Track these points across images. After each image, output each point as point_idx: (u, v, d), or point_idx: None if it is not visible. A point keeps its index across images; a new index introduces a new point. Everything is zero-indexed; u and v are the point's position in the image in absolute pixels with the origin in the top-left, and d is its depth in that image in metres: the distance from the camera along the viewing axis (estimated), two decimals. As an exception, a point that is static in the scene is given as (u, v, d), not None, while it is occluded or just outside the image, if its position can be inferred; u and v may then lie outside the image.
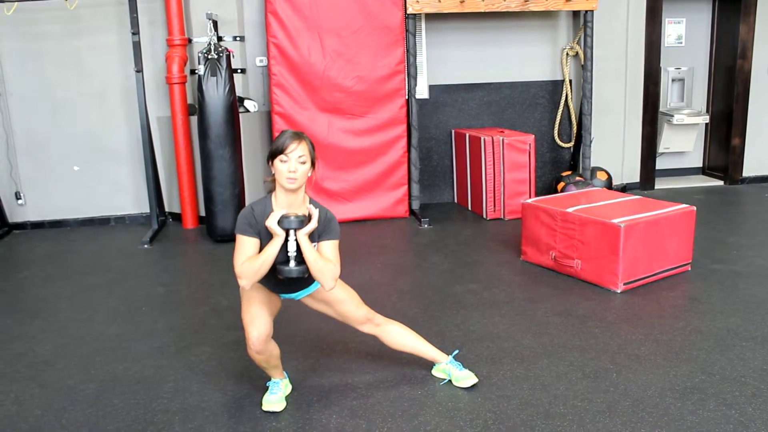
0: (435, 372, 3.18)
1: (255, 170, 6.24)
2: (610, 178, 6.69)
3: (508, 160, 6.05)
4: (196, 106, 5.63)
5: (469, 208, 6.60)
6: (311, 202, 2.81)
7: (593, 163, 6.82)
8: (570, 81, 6.87)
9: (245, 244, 2.69)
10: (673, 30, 7.43)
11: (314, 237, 2.73)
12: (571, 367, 3.23)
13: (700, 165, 7.85)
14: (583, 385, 3.07)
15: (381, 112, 6.12)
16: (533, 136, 6.21)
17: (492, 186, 6.13)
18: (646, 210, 4.43)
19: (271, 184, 2.78)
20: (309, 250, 2.67)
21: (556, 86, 6.92)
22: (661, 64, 7.21)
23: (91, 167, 6.35)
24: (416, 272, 4.83)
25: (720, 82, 7.47)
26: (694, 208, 4.54)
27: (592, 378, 3.13)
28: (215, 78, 5.35)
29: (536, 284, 4.42)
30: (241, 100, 6.09)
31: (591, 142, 6.62)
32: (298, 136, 2.70)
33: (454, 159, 6.85)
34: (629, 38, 6.95)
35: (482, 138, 6.13)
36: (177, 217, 6.39)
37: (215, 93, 5.37)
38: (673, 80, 7.42)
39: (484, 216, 6.24)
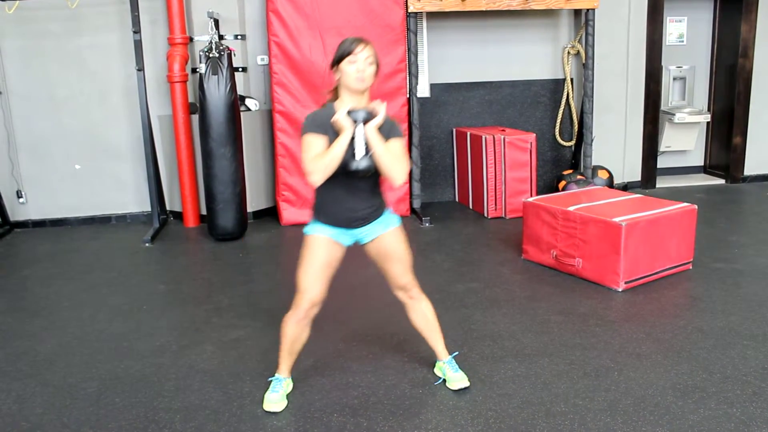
0: (436, 370, 3.18)
1: (256, 169, 6.24)
2: (611, 176, 6.68)
3: (509, 158, 6.05)
4: (198, 105, 5.63)
5: (471, 207, 6.60)
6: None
7: (594, 162, 6.81)
8: (571, 80, 6.87)
9: (313, 142, 2.67)
10: (674, 29, 7.42)
11: (382, 136, 2.72)
12: (573, 366, 3.23)
13: (702, 164, 7.85)
14: (584, 383, 3.07)
15: (382, 110, 6.11)
16: (534, 134, 6.21)
17: (493, 185, 6.13)
18: (648, 209, 4.43)
19: (332, 94, 2.80)
20: (377, 142, 2.67)
21: (558, 85, 6.91)
22: (663, 63, 7.21)
23: (93, 166, 6.35)
24: (417, 271, 4.79)
25: (721, 81, 7.47)
26: (696, 206, 4.54)
27: (594, 377, 3.13)
28: (216, 77, 5.35)
29: (537, 283, 4.42)
30: (243, 98, 6.09)
31: (592, 140, 6.62)
32: (363, 39, 2.71)
33: (455, 158, 6.85)
34: (630, 37, 6.95)
35: (483, 137, 6.13)
36: (178, 216, 6.39)
37: (216, 92, 5.37)
38: (674, 79, 7.41)
39: (485, 215, 6.24)
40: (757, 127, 7.38)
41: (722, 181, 7.49)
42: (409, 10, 6.00)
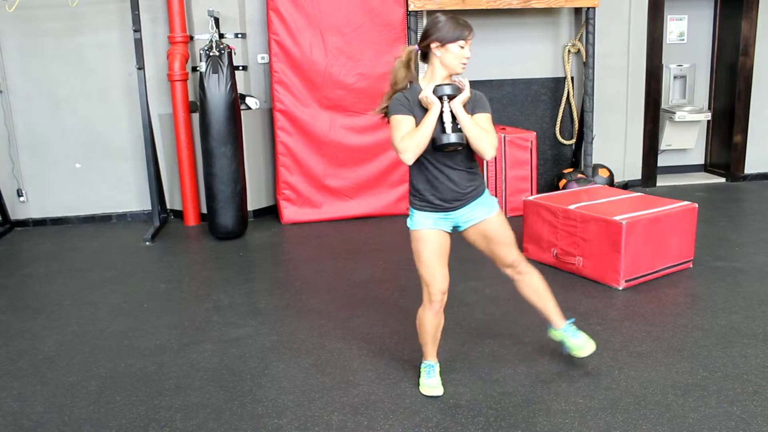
0: (551, 334, 3.21)
1: (256, 167, 6.24)
2: (611, 175, 6.68)
3: (509, 157, 6.04)
4: (198, 104, 5.63)
5: (471, 206, 6.59)
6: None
7: (595, 161, 6.81)
8: (572, 78, 6.86)
9: (401, 122, 2.72)
10: (675, 27, 7.42)
11: (467, 110, 2.75)
12: (573, 365, 3.23)
13: (702, 162, 7.84)
14: (584, 382, 3.07)
15: (383, 109, 6.10)
16: (535, 133, 6.21)
17: (493, 183, 6.13)
18: (648, 207, 4.43)
19: (407, 71, 2.82)
20: (465, 117, 2.70)
21: (558, 83, 6.91)
22: (663, 61, 7.20)
23: (93, 164, 6.35)
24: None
25: (722, 79, 7.46)
26: (696, 205, 4.53)
27: (594, 375, 3.13)
28: (217, 75, 5.35)
29: (538, 281, 4.42)
30: (243, 97, 6.09)
31: (592, 139, 6.61)
32: (470, 26, 2.76)
33: (456, 156, 6.83)
34: (631, 35, 6.94)
35: (484, 135, 6.11)
36: (179, 215, 6.39)
37: (217, 90, 5.36)
38: (675, 77, 7.41)
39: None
40: (757, 126, 7.37)
41: (723, 180, 7.49)
42: (410, 9, 6.00)
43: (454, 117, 2.70)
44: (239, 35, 6.14)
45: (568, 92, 6.85)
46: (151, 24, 6.09)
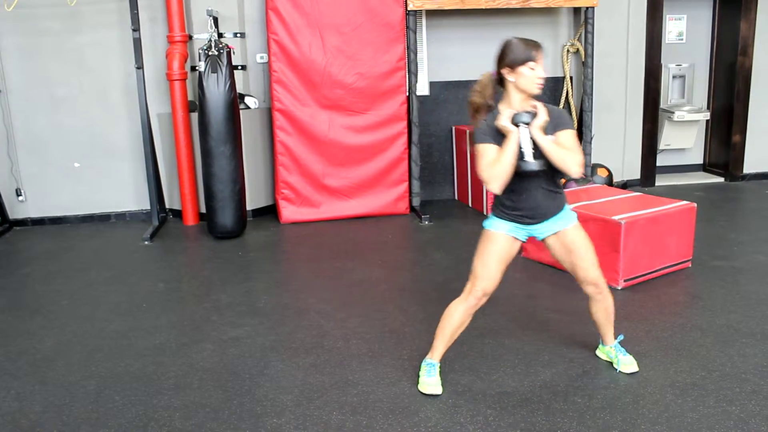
0: (598, 353, 3.29)
1: (255, 167, 6.24)
2: (610, 174, 6.69)
3: (508, 156, 6.03)
4: (197, 103, 5.63)
5: (470, 205, 6.61)
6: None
7: (594, 160, 6.81)
8: (571, 77, 6.87)
9: (486, 151, 2.78)
10: (674, 27, 7.42)
11: (548, 130, 2.77)
12: (572, 364, 3.24)
13: (701, 162, 7.85)
14: (583, 381, 3.07)
15: (382, 108, 6.11)
16: (534, 132, 6.20)
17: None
18: (647, 207, 4.43)
19: (481, 94, 2.87)
20: (544, 140, 2.73)
21: (557, 83, 6.91)
22: (662, 61, 7.21)
23: (92, 164, 6.35)
24: (417, 269, 4.84)
25: (721, 79, 7.47)
26: (695, 204, 4.54)
27: (593, 374, 3.13)
28: (216, 75, 5.35)
29: (537, 281, 4.43)
30: (242, 96, 6.09)
31: (592, 138, 6.62)
32: (539, 44, 2.79)
33: (455, 156, 6.85)
34: (630, 35, 6.95)
35: (483, 135, 6.11)
36: (177, 214, 6.39)
37: (216, 90, 5.36)
38: (673, 77, 7.41)
39: (485, 212, 6.24)
40: (756, 125, 7.38)
41: (721, 179, 7.50)
42: (409, 8, 6.00)
43: (533, 142, 2.74)
44: (238, 35, 6.14)
45: (567, 92, 6.86)
46: (150, 23, 6.08)
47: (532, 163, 2.74)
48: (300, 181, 6.11)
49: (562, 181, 2.98)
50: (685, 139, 7.46)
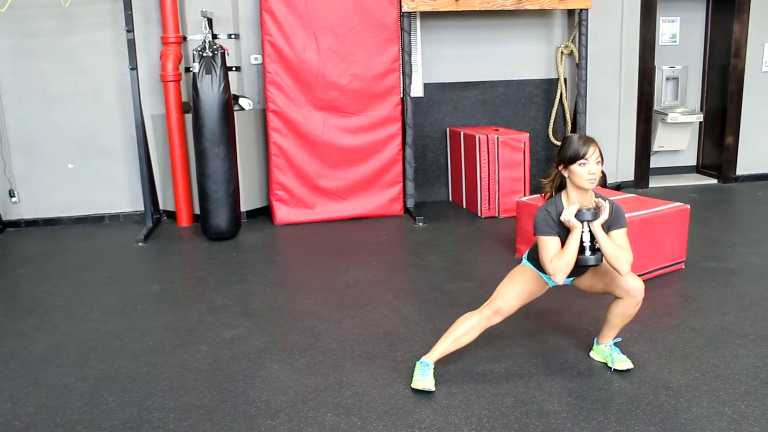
0: (592, 354, 3.31)
1: (249, 168, 6.24)
2: (604, 176, 6.70)
3: (502, 158, 6.06)
4: (191, 104, 5.62)
5: (464, 207, 6.61)
6: (597, 196, 3.00)
7: (588, 162, 6.82)
8: (565, 79, 6.88)
9: (550, 243, 2.93)
10: (667, 28, 7.45)
11: (605, 228, 2.94)
12: (566, 365, 3.24)
13: (694, 163, 7.88)
14: (577, 382, 3.08)
15: (376, 110, 6.12)
16: (528, 134, 6.22)
17: (487, 184, 6.14)
18: (641, 208, 4.45)
19: (550, 185, 3.07)
20: (604, 238, 2.89)
21: (551, 84, 6.93)
22: (656, 63, 7.23)
23: (86, 165, 6.33)
24: (411, 270, 4.84)
25: (714, 81, 7.50)
26: (688, 206, 4.55)
27: (587, 375, 3.14)
28: (210, 76, 5.34)
29: (531, 282, 4.43)
30: (236, 98, 6.08)
31: (585, 140, 6.62)
32: (591, 140, 2.92)
33: (449, 157, 6.86)
34: (624, 37, 6.97)
35: (477, 136, 6.13)
36: (171, 215, 6.38)
37: (210, 91, 5.36)
38: (667, 79, 7.44)
39: (479, 214, 6.25)
40: (749, 127, 7.41)
41: (715, 181, 7.52)
42: (403, 10, 6.01)
43: (592, 237, 2.90)
44: (232, 36, 6.13)
45: (561, 93, 6.87)
46: (144, 24, 6.07)
47: (590, 258, 2.92)
48: (294, 183, 6.11)
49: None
50: (678, 140, 7.49)
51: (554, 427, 2.72)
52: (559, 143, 6.92)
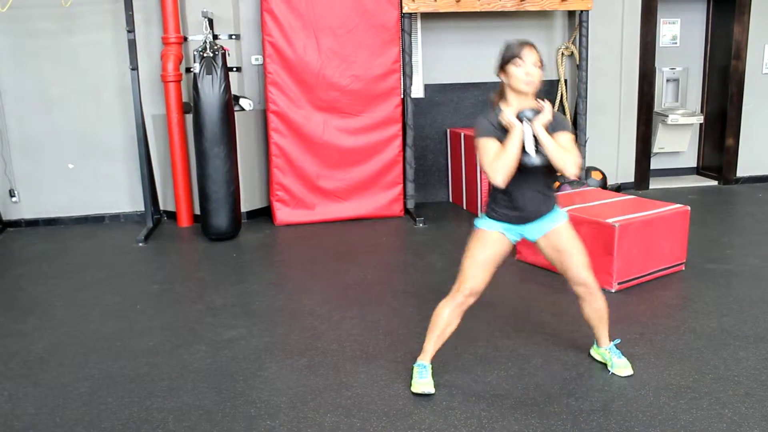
0: (593, 353, 3.29)
1: (250, 169, 6.24)
2: (604, 177, 6.70)
3: (503, 159, 6.04)
4: (192, 105, 5.62)
5: (464, 207, 6.61)
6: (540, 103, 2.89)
7: (588, 163, 6.83)
8: (565, 81, 6.88)
9: (488, 145, 2.82)
10: (667, 30, 7.45)
11: (548, 131, 2.81)
12: (566, 367, 3.24)
13: (695, 165, 7.88)
14: (577, 384, 3.08)
15: (376, 111, 6.12)
16: (528, 135, 6.21)
17: (487, 185, 6.12)
18: (641, 210, 4.45)
19: (497, 97, 2.95)
20: (547, 138, 2.77)
21: (552, 86, 6.92)
22: (656, 65, 7.23)
23: (86, 165, 6.33)
24: (411, 271, 4.84)
25: (714, 83, 7.50)
26: (689, 208, 4.55)
27: (587, 377, 3.14)
28: (210, 76, 5.35)
29: (530, 283, 4.43)
30: (237, 98, 6.08)
31: (586, 141, 6.63)
32: (530, 43, 2.83)
33: (449, 158, 6.85)
34: (624, 38, 6.97)
35: (477, 137, 6.12)
36: (172, 216, 6.38)
37: (210, 91, 5.36)
38: (667, 80, 7.44)
39: (479, 215, 6.23)
40: (749, 129, 7.41)
41: (715, 183, 7.52)
42: (404, 11, 6.01)
43: (536, 138, 2.78)
44: (233, 36, 6.14)
45: (562, 95, 6.87)
46: (145, 25, 6.07)
47: (533, 157, 2.78)
48: (294, 183, 6.11)
49: (556, 184, 3.02)
50: (678, 142, 7.49)
51: (554, 429, 2.72)
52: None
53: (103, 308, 4.19)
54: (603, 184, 6.62)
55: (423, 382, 3.03)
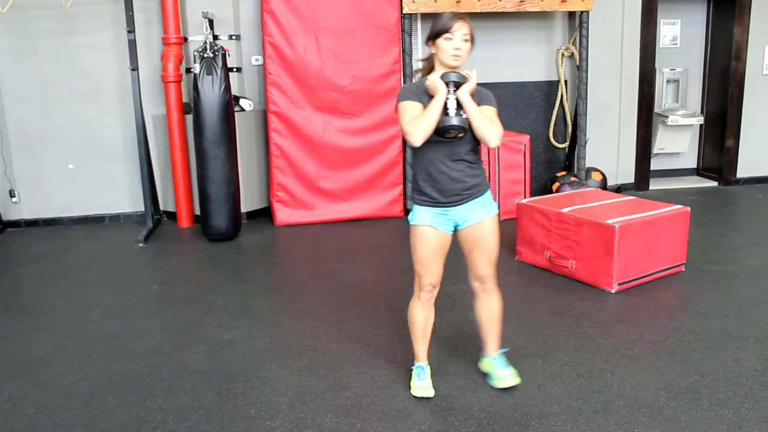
0: (480, 365, 3.18)
1: (250, 169, 6.24)
2: (604, 178, 6.70)
3: (503, 160, 6.06)
4: (192, 105, 5.62)
5: (464, 208, 6.60)
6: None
7: (588, 164, 6.83)
8: (565, 81, 6.88)
9: (409, 107, 2.76)
10: (668, 31, 7.45)
11: (475, 102, 2.77)
12: (566, 367, 3.24)
13: (695, 166, 7.88)
14: (577, 385, 3.07)
15: (376, 111, 6.12)
16: (528, 136, 6.22)
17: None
18: (641, 210, 4.45)
19: (426, 65, 2.91)
20: (472, 105, 2.73)
21: (552, 87, 6.93)
22: (656, 65, 7.23)
23: (86, 165, 6.33)
24: (411, 272, 4.81)
25: (714, 84, 7.50)
26: (689, 208, 4.55)
27: (587, 378, 3.13)
28: (211, 77, 5.35)
29: (531, 284, 4.43)
30: (237, 99, 6.08)
31: (586, 142, 6.63)
32: (460, 15, 2.78)
33: (450, 159, 6.84)
34: (624, 39, 6.97)
35: (477, 138, 6.13)
36: (172, 216, 6.38)
37: (211, 92, 5.36)
38: (667, 81, 7.44)
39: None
40: (749, 130, 7.41)
41: (715, 184, 7.52)
42: (404, 12, 6.01)
43: (459, 105, 2.72)
44: (233, 37, 6.14)
45: (562, 95, 6.87)
46: (145, 25, 6.07)
47: (454, 118, 2.70)
48: (295, 184, 6.11)
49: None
50: (679, 143, 7.49)
51: (554, 430, 2.72)
52: (560, 145, 6.97)
53: (103, 309, 4.19)
54: (603, 185, 6.62)
55: (422, 385, 3.02)
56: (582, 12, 6.37)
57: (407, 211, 6.27)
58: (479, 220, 2.90)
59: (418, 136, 2.68)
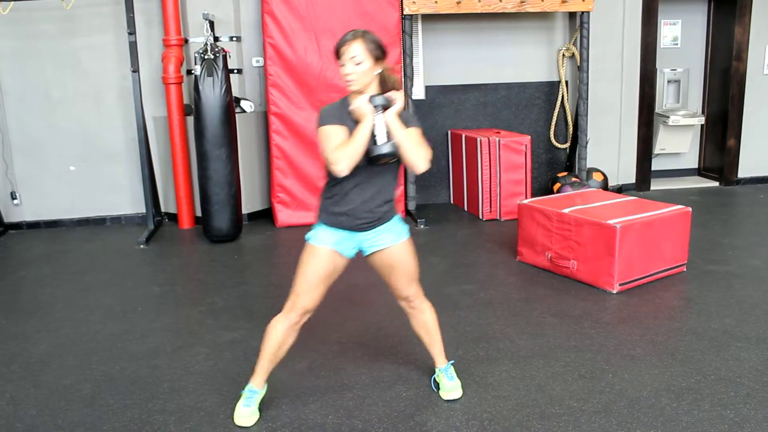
0: (434, 378, 3.11)
1: (251, 170, 6.24)
2: (605, 179, 6.70)
3: (504, 160, 6.06)
4: (193, 107, 5.62)
5: (465, 209, 6.61)
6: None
7: (589, 164, 6.83)
8: (566, 82, 6.88)
9: (333, 133, 2.59)
10: (668, 31, 7.45)
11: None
12: (567, 368, 3.24)
13: (696, 166, 7.88)
14: (578, 385, 3.07)
15: (377, 112, 6.11)
16: (529, 137, 6.22)
17: (488, 187, 6.14)
18: (642, 211, 4.44)
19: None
20: (398, 128, 2.60)
21: (552, 87, 6.93)
22: (657, 66, 7.23)
23: (87, 167, 6.34)
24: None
25: (715, 84, 7.49)
26: (690, 209, 4.55)
27: (588, 378, 3.13)
28: (212, 78, 5.35)
29: (532, 285, 4.43)
30: (238, 100, 6.09)
31: (587, 143, 6.63)
32: (352, 35, 2.62)
33: (451, 160, 6.85)
34: (625, 39, 6.97)
35: (478, 139, 6.13)
36: (173, 218, 6.38)
37: (211, 93, 5.36)
38: (668, 81, 7.44)
39: (480, 217, 6.24)
40: (750, 130, 7.41)
41: (716, 184, 7.52)
42: (405, 12, 6.01)
43: (387, 129, 2.61)
44: (234, 38, 6.14)
45: (563, 96, 6.88)
46: (146, 27, 6.08)
47: (385, 146, 2.58)
48: (296, 185, 6.11)
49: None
50: (680, 143, 7.49)
51: (556, 431, 2.71)
52: (561, 146, 6.97)
53: (104, 310, 4.19)
54: (604, 186, 6.62)
55: (246, 412, 2.80)
56: (582, 12, 6.38)
57: (408, 212, 6.29)
58: (388, 245, 2.81)
59: (344, 165, 2.51)
